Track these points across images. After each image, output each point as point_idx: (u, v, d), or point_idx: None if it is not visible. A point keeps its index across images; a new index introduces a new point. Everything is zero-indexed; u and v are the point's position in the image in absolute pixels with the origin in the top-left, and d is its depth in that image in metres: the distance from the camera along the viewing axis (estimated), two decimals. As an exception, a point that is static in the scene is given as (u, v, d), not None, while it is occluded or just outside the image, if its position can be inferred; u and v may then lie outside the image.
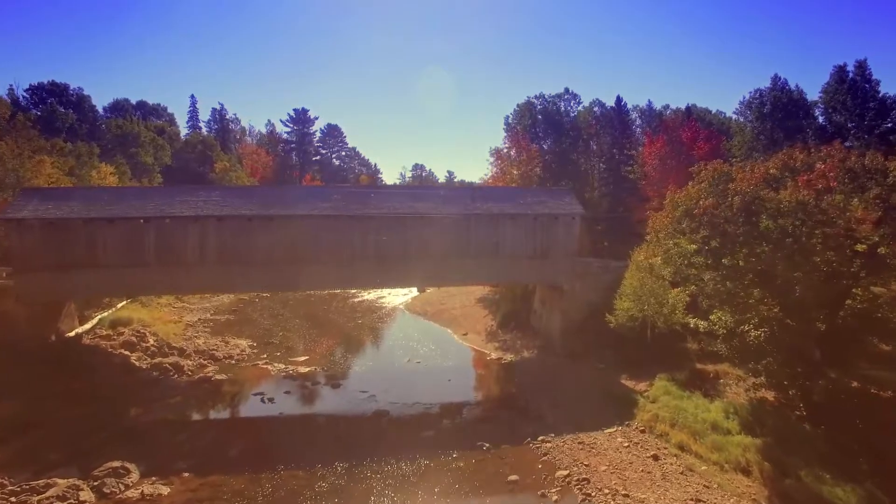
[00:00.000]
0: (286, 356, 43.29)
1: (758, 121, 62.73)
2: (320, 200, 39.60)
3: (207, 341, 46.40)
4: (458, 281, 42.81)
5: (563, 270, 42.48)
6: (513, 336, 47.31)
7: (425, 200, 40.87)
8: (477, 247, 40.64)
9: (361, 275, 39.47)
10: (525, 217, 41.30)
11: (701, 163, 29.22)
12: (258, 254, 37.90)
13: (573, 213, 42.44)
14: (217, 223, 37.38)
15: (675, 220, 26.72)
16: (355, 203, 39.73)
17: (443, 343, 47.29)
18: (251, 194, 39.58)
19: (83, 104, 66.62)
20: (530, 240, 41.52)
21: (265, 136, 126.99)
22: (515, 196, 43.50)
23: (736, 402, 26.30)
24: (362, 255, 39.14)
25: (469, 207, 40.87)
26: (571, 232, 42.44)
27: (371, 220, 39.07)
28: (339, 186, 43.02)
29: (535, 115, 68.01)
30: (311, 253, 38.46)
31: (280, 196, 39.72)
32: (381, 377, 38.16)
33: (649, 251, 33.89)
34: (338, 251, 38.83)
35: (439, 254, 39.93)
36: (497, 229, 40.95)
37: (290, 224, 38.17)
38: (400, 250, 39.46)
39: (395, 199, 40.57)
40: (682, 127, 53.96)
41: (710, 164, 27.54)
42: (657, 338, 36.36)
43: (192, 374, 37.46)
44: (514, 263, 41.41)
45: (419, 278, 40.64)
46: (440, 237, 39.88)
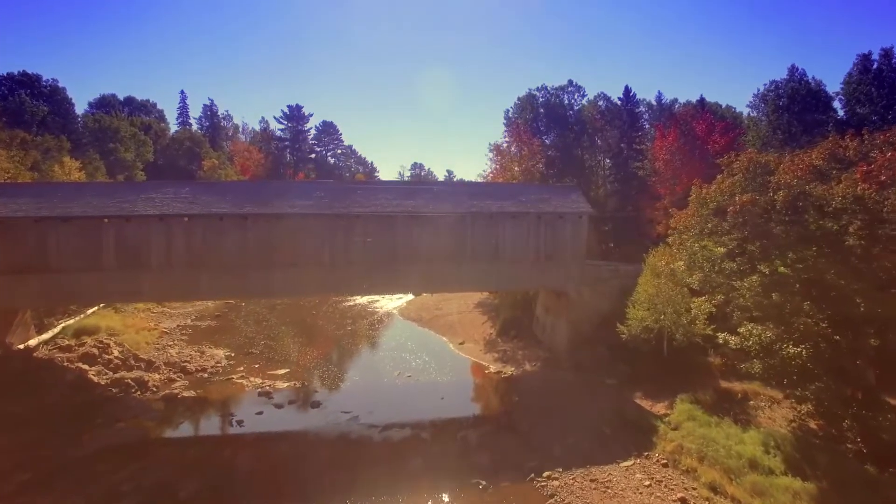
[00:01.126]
0: (265, 369, 39.46)
1: (773, 114, 58.78)
2: (300, 197, 35.75)
3: (181, 351, 42.57)
4: (453, 288, 38.98)
5: (569, 275, 38.63)
6: (514, 346, 43.45)
7: (417, 198, 37.01)
8: (474, 249, 36.78)
9: (345, 280, 35.62)
10: (527, 216, 37.43)
11: (732, 153, 25.30)
12: (230, 257, 34.08)
13: (581, 211, 38.56)
14: (185, 223, 33.55)
15: (702, 220, 22.82)
16: (339, 200, 35.87)
17: (438, 354, 43.42)
18: (224, 191, 35.79)
19: (57, 96, 62.79)
20: (533, 241, 37.65)
21: (259, 134, 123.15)
22: (516, 193, 39.63)
23: (776, 433, 22.38)
24: (346, 259, 35.30)
25: (465, 205, 37.00)
26: (579, 233, 38.57)
27: (356, 219, 35.23)
28: (323, 182, 39.09)
29: (538, 108, 64.14)
30: (289, 256, 34.64)
31: (256, 192, 35.90)
32: (367, 394, 34.32)
33: (669, 255, 29.97)
34: (319, 254, 34.99)
35: (432, 257, 36.10)
36: (496, 230, 37.09)
37: (265, 224, 34.35)
38: (388, 253, 35.62)
39: (384, 196, 36.72)
40: (694, 119, 50.08)
41: (744, 154, 23.63)
42: (674, 351, 32.52)
43: (157, 391, 33.60)
44: (516, 268, 37.55)
45: (409, 285, 36.84)
46: (433, 238, 36.05)
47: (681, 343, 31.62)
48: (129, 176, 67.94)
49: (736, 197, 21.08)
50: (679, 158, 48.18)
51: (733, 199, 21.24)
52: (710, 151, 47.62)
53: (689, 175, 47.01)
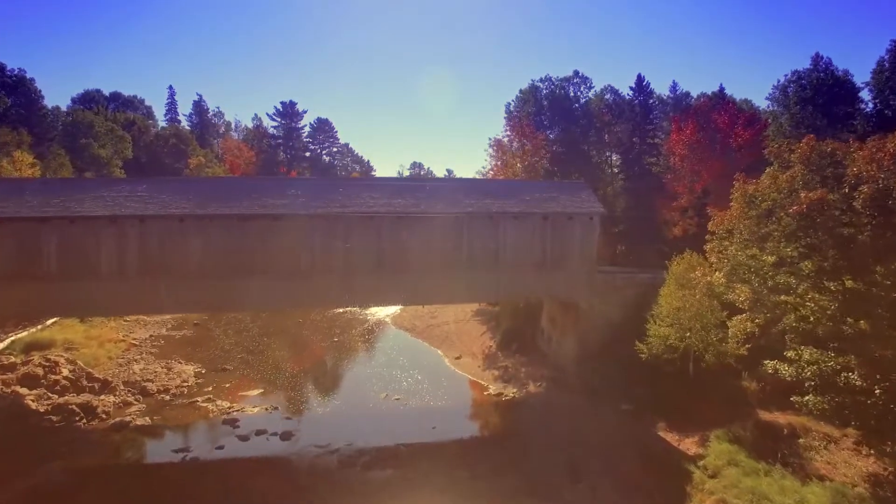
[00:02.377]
0: (238, 388, 35.13)
1: (796, 107, 54.22)
2: (273, 196, 31.38)
3: (146, 368, 38.22)
4: (447, 299, 34.68)
5: (579, 283, 34.24)
6: (515, 361, 39.05)
7: (407, 196, 32.62)
8: (471, 255, 32.40)
9: (322, 291, 31.27)
10: (532, 217, 33.04)
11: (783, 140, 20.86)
12: (191, 264, 29.77)
13: (592, 211, 34.15)
14: (139, 225, 29.24)
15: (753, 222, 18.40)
16: (317, 199, 31.51)
17: (432, 370, 39.01)
18: (187, 188, 31.46)
19: (23, 87, 58.49)
20: (539, 245, 33.27)
21: (251, 131, 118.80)
22: (519, 190, 35.22)
23: (848, 491, 17.87)
24: (324, 266, 30.94)
25: (461, 205, 32.62)
26: (590, 235, 34.17)
27: (336, 220, 30.89)
28: (300, 178, 34.71)
29: (541, 100, 59.60)
30: (258, 263, 30.30)
31: (223, 190, 31.57)
32: (348, 421, 29.94)
33: (705, 265, 25.34)
34: (293, 261, 30.65)
35: (423, 264, 31.74)
36: (496, 232, 32.71)
37: (232, 226, 30.02)
38: (373, 260, 31.27)
39: (369, 195, 32.34)
40: (714, 111, 45.56)
41: (805, 140, 19.20)
42: (702, 373, 28.15)
43: (107, 419, 29.24)
44: (518, 275, 33.16)
45: (397, 296, 32.51)
46: (424, 243, 31.71)
47: (710, 365, 27.24)
48: (104, 174, 63.56)
49: (801, 194, 16.67)
50: (697, 154, 43.67)
51: (794, 196, 16.85)
52: (733, 146, 43.15)
53: (709, 172, 42.68)
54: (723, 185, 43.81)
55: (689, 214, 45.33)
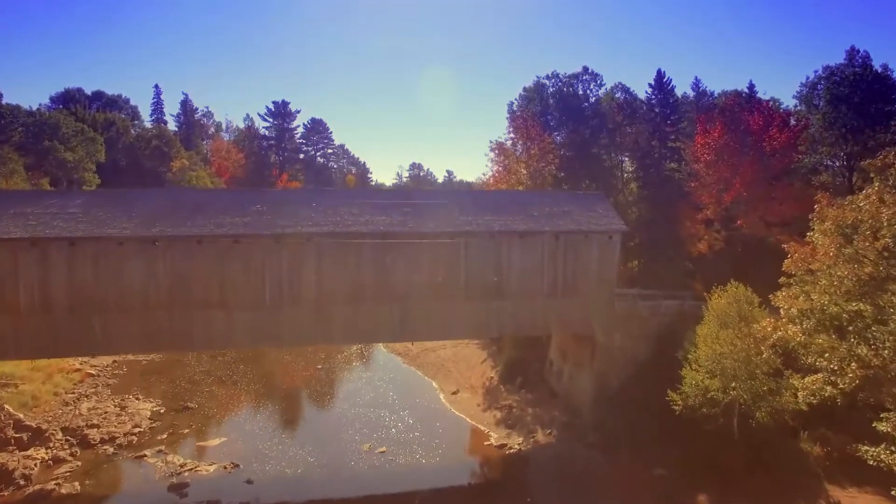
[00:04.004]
0: (197, 435, 30.13)
1: (829, 106, 49.03)
2: (233, 212, 26.27)
3: (96, 407, 33.23)
4: (441, 334, 29.64)
5: (596, 313, 29.20)
6: (521, 399, 33.95)
7: (393, 212, 27.51)
8: (469, 282, 27.35)
9: (292, 327, 26.19)
10: (541, 236, 27.96)
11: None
12: (133, 296, 24.71)
13: (611, 229, 29.04)
14: (68, 248, 24.14)
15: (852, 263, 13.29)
16: (285, 216, 26.40)
17: (425, 411, 33.88)
18: (131, 203, 26.39)
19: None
20: (549, 270, 28.22)
21: (242, 132, 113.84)
22: (526, 204, 30.10)
23: None
24: (294, 297, 25.89)
25: (458, 222, 27.50)
26: (608, 257, 29.10)
27: (307, 242, 25.82)
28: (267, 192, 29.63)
29: (547, 99, 54.42)
30: (214, 293, 25.27)
31: (174, 205, 26.46)
32: (321, 487, 24.86)
33: (775, 323, 19.76)
34: (256, 291, 25.60)
35: (411, 294, 26.70)
36: (500, 255, 27.65)
37: (182, 249, 24.95)
38: (350, 289, 26.21)
39: (348, 210, 27.24)
40: (745, 110, 40.39)
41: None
42: (750, 431, 23.06)
43: (25, 486, 24.11)
44: (525, 306, 28.13)
45: (380, 332, 27.42)
46: (413, 268, 26.68)
47: (763, 423, 22.13)
48: (72, 180, 58.60)
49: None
50: (726, 159, 38.52)
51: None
52: (767, 150, 37.98)
53: (741, 180, 37.52)
54: (755, 193, 38.99)
55: (716, 227, 40.25)
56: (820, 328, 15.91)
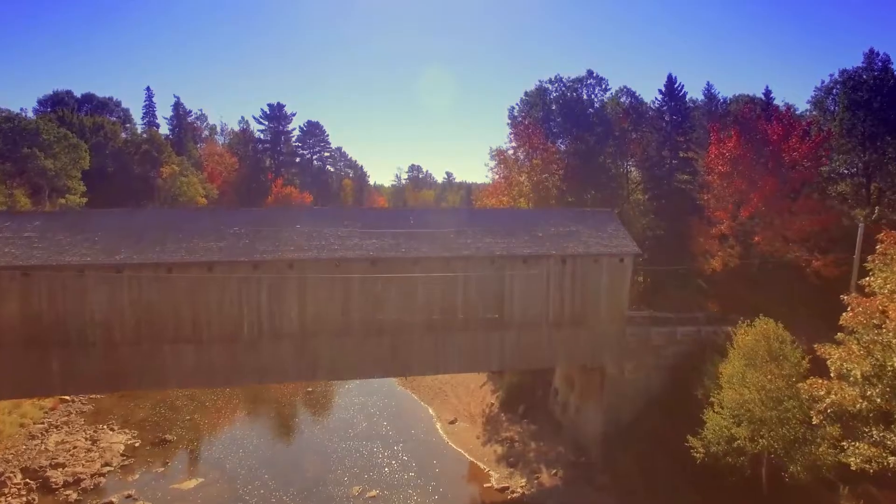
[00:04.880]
0: (172, 475, 27.71)
1: (846, 112, 46.66)
2: (207, 235, 23.83)
3: (64, 441, 30.83)
4: (435, 368, 27.22)
5: (606, 344, 26.82)
6: (523, 431, 31.57)
7: (383, 234, 25.06)
8: (467, 311, 24.99)
9: (272, 362, 23.77)
10: (546, 260, 25.55)
11: None
12: (95, 329, 22.31)
13: (623, 251, 26.63)
14: (22, 279, 21.72)
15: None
16: (265, 240, 23.97)
17: (420, 444, 31.48)
18: (95, 226, 23.94)
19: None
20: (555, 297, 25.84)
21: (237, 135, 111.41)
22: (529, 223, 27.67)
23: None
24: (273, 330, 23.50)
25: (455, 245, 25.08)
26: (620, 282, 26.72)
27: (289, 269, 23.41)
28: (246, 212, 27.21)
29: (550, 104, 52.00)
30: (186, 326, 22.87)
31: (142, 228, 24.01)
32: (302, 541, 22.48)
33: (825, 382, 17.07)
34: (233, 323, 23.21)
35: (403, 324, 24.35)
36: (501, 281, 25.26)
37: (150, 278, 22.53)
38: (336, 320, 23.84)
39: (334, 232, 24.80)
40: (761, 118, 37.91)
41: None
42: (781, 484, 20.64)
43: (-26, 542, 21.76)
44: (528, 337, 25.76)
45: (370, 366, 24.95)
46: (406, 296, 24.33)
47: (798, 477, 19.70)
48: (54, 189, 56.20)
49: None
50: (742, 171, 36.07)
51: None
52: (787, 161, 35.53)
53: (759, 193, 35.06)
54: (774, 208, 36.54)
55: (730, 243, 37.82)
56: (891, 395, 13.48)
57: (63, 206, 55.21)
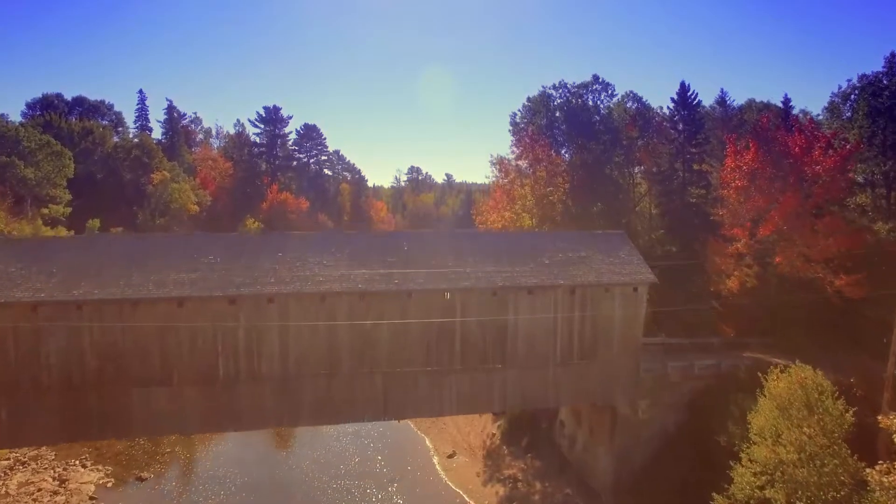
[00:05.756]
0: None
1: (865, 119, 44.32)
2: (178, 266, 21.49)
3: (29, 481, 28.54)
4: (430, 411, 24.80)
5: (618, 381, 24.51)
6: (527, 468, 29.31)
7: (374, 263, 22.73)
8: (466, 347, 22.66)
9: (251, 406, 21.48)
10: (554, 291, 23.23)
11: None
12: (50, 372, 19.99)
13: (637, 279, 24.30)
14: (-31, 317, 19.40)
15: None
16: (243, 271, 21.64)
17: (416, 483, 29.22)
18: (52, 255, 21.62)
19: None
20: (564, 331, 23.51)
21: (232, 139, 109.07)
22: (535, 247, 25.33)
23: None
24: (252, 370, 21.21)
25: (453, 276, 22.74)
26: (634, 314, 24.39)
27: (269, 304, 21.11)
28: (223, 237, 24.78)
29: (554, 111, 49.65)
30: (155, 367, 20.57)
31: (104, 257, 21.67)
32: None
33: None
34: (205, 364, 20.89)
35: (395, 363, 22.02)
36: (504, 314, 22.95)
37: (112, 314, 20.24)
38: (321, 359, 21.53)
39: (320, 261, 22.47)
40: (780, 128, 35.53)
41: None
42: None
43: None
44: (534, 374, 23.45)
45: (359, 410, 22.59)
46: (399, 333, 21.98)
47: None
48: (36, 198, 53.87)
49: None
50: (761, 186, 33.74)
51: None
52: (810, 174, 33.15)
53: (780, 210, 32.72)
54: (795, 226, 34.17)
55: (747, 262, 35.48)
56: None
57: (46, 216, 53.11)
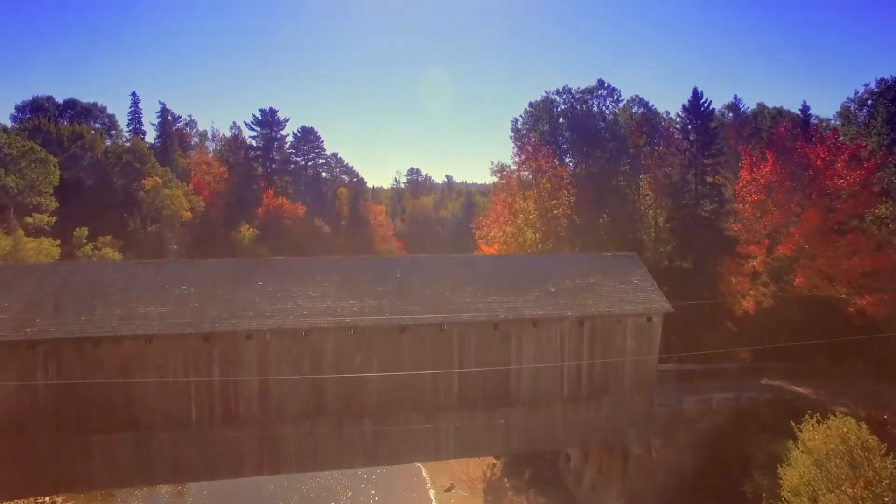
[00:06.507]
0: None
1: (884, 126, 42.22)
2: (146, 298, 19.43)
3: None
4: (426, 455, 22.71)
5: (630, 419, 22.46)
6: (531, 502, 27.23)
7: (363, 293, 20.67)
8: (464, 387, 20.62)
9: (225, 452, 19.47)
10: (561, 323, 21.20)
11: None
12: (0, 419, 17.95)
13: (651, 309, 22.25)
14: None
15: None
16: (217, 302, 19.59)
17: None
18: (3, 287, 19.57)
19: None
20: (573, 366, 21.49)
21: (228, 141, 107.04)
22: (540, 272, 23.25)
23: None
24: (228, 414, 19.20)
25: (450, 306, 20.68)
26: (648, 346, 22.36)
27: (247, 341, 19.07)
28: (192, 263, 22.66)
29: (557, 117, 47.55)
30: (118, 412, 18.55)
31: (61, 288, 19.57)
32: None
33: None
34: (176, 407, 18.88)
35: (388, 404, 20.02)
36: (507, 348, 20.93)
37: (70, 354, 18.23)
38: (305, 400, 19.54)
39: (304, 292, 20.42)
40: (800, 139, 33.43)
41: None
42: None
43: None
44: (540, 413, 21.44)
45: (345, 456, 20.54)
46: (391, 371, 19.89)
47: None
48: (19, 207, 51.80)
49: None
50: (780, 201, 31.68)
51: None
52: (832, 188, 31.03)
53: (801, 227, 30.66)
54: (817, 244, 32.07)
55: (763, 280, 33.42)
56: None
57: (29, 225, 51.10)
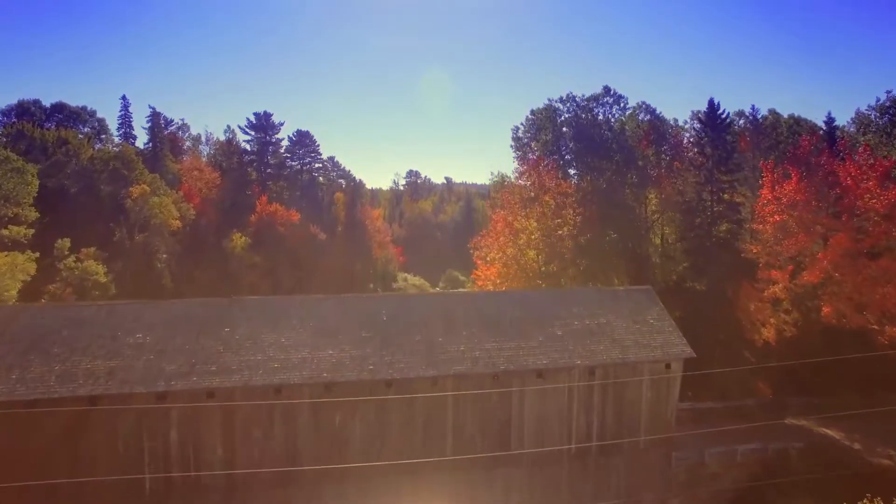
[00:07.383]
0: None
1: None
2: (93, 350, 16.96)
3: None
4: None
5: (646, 476, 19.96)
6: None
7: (344, 342, 18.18)
8: (461, 443, 18.18)
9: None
10: (569, 372, 18.72)
11: None
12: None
13: (670, 354, 19.76)
14: None
15: None
16: (175, 354, 17.10)
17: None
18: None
19: None
20: (581, 419, 19.02)
21: (221, 146, 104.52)
22: (545, 313, 20.75)
23: None
24: (188, 483, 16.78)
25: (443, 355, 18.21)
26: (666, 395, 19.90)
27: (209, 399, 16.58)
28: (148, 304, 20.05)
29: (560, 126, 45.03)
30: (54, 483, 16.04)
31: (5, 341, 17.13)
32: None
33: None
34: (129, 473, 16.37)
35: (372, 468, 17.47)
36: (508, 402, 18.44)
37: (10, 417, 15.74)
38: (276, 465, 17.02)
39: (275, 340, 17.92)
40: (825, 154, 30.86)
41: None
42: None
43: None
44: (545, 472, 18.99)
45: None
46: (376, 429, 17.50)
47: None
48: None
49: None
50: (801, 219, 29.15)
51: None
52: (863, 208, 28.40)
53: (831, 251, 28.03)
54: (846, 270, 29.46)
55: (785, 307, 30.92)
56: None
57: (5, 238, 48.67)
